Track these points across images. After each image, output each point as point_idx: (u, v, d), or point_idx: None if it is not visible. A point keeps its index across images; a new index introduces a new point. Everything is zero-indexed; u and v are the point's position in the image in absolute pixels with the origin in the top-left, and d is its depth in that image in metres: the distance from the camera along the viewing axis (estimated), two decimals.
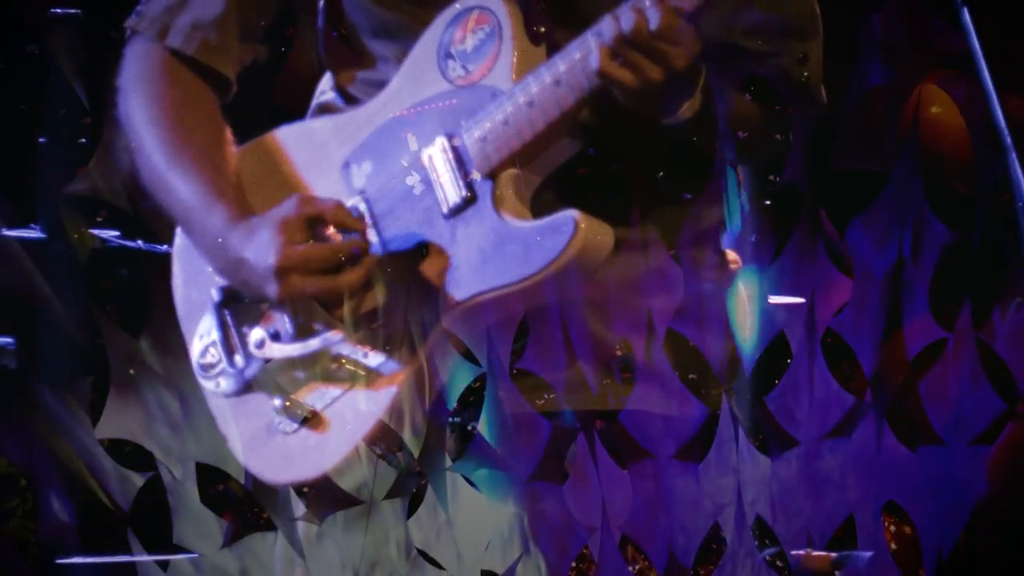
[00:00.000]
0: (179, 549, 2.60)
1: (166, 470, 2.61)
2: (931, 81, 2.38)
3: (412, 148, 2.45)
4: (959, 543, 2.39)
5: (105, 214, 2.89)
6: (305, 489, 2.51)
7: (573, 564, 2.47)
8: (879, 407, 2.40)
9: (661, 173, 2.45)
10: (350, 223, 2.46)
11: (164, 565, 2.61)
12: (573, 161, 2.42)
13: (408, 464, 2.48)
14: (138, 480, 2.61)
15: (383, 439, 2.45)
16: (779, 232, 2.44)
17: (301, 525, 2.56)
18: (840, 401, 2.43)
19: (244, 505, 2.59)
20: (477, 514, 2.47)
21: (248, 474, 2.53)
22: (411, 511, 2.48)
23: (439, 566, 2.46)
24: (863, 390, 2.42)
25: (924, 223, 2.40)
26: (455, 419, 2.46)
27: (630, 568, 2.48)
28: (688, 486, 2.44)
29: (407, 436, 2.45)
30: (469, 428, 2.47)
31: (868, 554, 2.46)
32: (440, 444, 2.45)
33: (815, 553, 2.45)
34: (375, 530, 2.52)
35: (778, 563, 2.45)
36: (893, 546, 2.50)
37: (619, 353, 2.44)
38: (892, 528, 2.52)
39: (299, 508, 2.52)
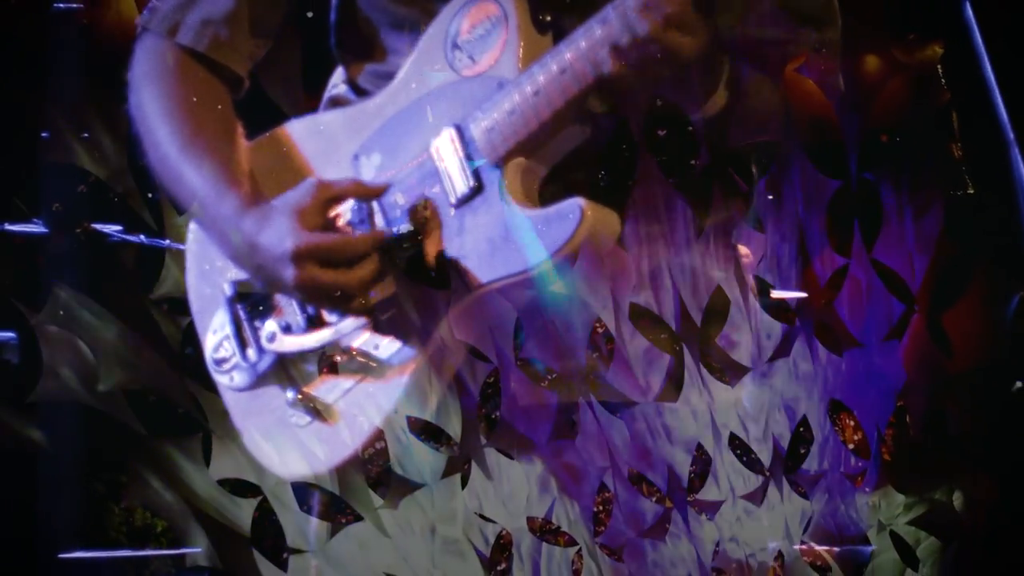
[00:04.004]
0: (292, 551, 2.59)
1: (268, 492, 2.59)
2: (791, 69, 2.54)
3: (420, 139, 2.42)
4: (893, 422, 2.61)
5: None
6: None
7: (598, 507, 2.54)
8: (807, 328, 2.58)
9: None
10: (371, 193, 2.40)
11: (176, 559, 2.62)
12: (580, 149, 2.39)
13: (451, 448, 2.49)
14: (251, 505, 2.65)
15: (421, 431, 2.44)
16: (702, 205, 2.53)
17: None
18: (776, 330, 2.59)
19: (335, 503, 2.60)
20: (515, 477, 2.54)
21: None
22: (463, 484, 2.54)
23: (493, 521, 2.55)
24: (792, 318, 2.59)
25: (810, 176, 2.56)
26: (480, 409, 2.48)
27: (647, 500, 2.53)
28: (672, 421, 2.53)
29: (438, 424, 2.46)
30: (493, 416, 2.50)
31: (869, 548, 2.53)
32: (473, 427, 2.48)
33: (817, 548, 2.55)
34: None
35: (758, 466, 2.60)
36: (841, 433, 2.62)
37: (600, 330, 2.50)
38: (838, 420, 2.64)
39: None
